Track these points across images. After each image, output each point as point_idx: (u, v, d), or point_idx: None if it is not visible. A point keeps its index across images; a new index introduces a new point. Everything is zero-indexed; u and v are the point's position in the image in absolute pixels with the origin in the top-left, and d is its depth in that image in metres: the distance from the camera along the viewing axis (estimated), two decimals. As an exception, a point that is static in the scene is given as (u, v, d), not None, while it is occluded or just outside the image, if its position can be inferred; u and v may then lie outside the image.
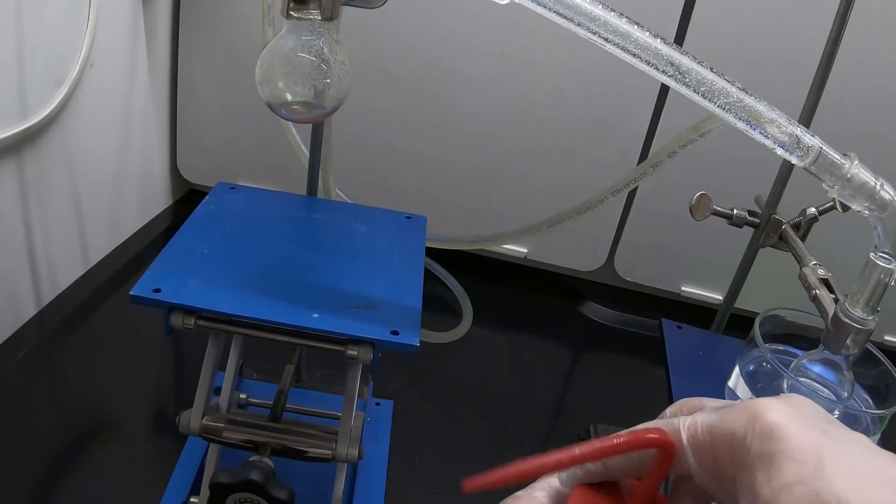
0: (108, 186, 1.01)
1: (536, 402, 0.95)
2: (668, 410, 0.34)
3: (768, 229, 0.77)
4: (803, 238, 0.76)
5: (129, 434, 0.77)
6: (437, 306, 1.08)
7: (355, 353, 0.54)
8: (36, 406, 0.78)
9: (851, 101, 0.95)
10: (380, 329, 0.54)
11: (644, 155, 1.05)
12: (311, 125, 0.71)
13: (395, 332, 0.53)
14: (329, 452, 0.59)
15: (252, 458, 0.58)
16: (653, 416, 0.62)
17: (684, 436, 0.30)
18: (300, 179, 0.75)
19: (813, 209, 0.76)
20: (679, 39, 0.96)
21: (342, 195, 0.94)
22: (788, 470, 0.26)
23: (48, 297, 0.91)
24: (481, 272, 1.17)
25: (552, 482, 0.34)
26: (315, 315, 0.54)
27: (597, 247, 1.14)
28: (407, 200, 1.11)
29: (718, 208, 0.76)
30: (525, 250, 1.16)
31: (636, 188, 1.07)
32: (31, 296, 0.88)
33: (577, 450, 0.31)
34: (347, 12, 0.60)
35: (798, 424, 0.27)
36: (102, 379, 0.83)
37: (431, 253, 1.09)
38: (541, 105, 1.04)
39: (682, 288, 1.15)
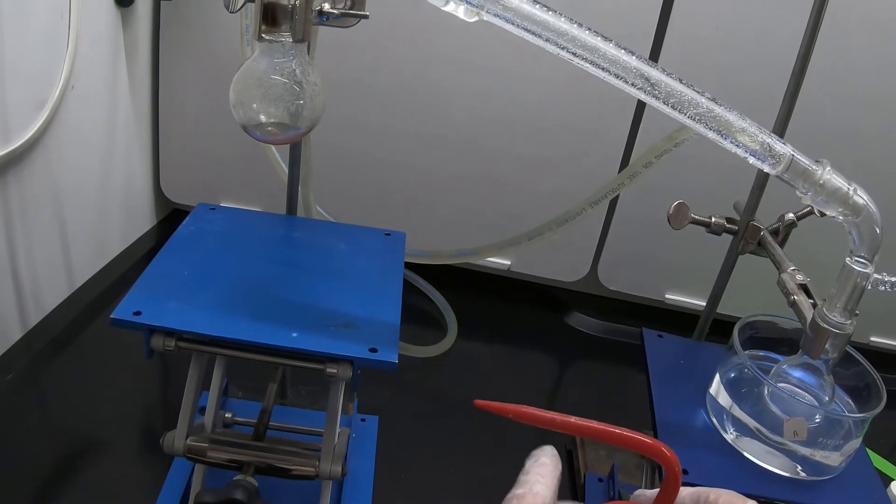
0: (91, 208, 1.01)
1: (523, 413, 0.95)
2: None
3: (746, 236, 0.77)
4: (782, 244, 0.76)
5: (118, 455, 0.77)
6: (421, 320, 1.08)
7: (335, 371, 0.55)
8: (24, 429, 0.78)
9: (829, 102, 0.96)
10: (358, 347, 0.54)
11: (625, 161, 1.06)
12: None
13: (373, 350, 0.54)
14: (312, 470, 0.59)
15: (236, 478, 0.58)
16: (640, 424, 0.62)
17: None
18: (283, 197, 0.76)
19: (791, 215, 0.76)
20: (657, 44, 0.96)
21: (322, 212, 0.95)
22: None
23: (34, 319, 0.91)
24: (465, 285, 1.18)
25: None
26: (294, 334, 0.54)
27: (580, 257, 1.15)
28: (390, 213, 1.12)
29: (696, 217, 0.76)
30: (508, 262, 1.17)
31: (617, 198, 1.08)
32: (16, 319, 0.88)
33: (588, 423, 0.35)
34: (327, 28, 0.61)
35: None
36: (90, 401, 0.83)
37: (415, 267, 1.09)
38: (521, 116, 1.05)
39: (666, 295, 1.16)
